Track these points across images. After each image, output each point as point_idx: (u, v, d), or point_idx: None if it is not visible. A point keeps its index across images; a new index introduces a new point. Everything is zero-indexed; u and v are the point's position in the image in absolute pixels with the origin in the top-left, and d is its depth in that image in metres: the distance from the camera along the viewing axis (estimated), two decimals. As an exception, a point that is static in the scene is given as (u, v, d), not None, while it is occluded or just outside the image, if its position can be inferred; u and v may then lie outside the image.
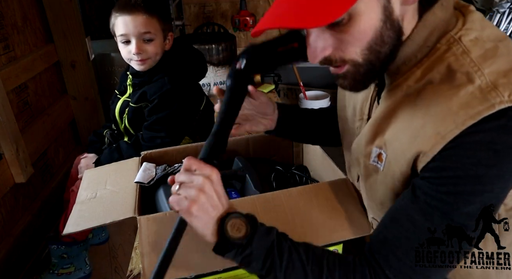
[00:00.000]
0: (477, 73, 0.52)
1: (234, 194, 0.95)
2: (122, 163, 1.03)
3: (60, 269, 1.41)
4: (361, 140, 0.69)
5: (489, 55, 0.53)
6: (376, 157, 0.64)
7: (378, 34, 0.53)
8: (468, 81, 0.52)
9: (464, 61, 0.54)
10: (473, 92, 0.51)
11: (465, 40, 0.55)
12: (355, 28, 0.52)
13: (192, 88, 1.31)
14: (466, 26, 0.56)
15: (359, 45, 0.54)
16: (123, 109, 1.27)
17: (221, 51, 1.92)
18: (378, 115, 0.65)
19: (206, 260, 0.72)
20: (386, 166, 0.62)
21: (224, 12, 3.01)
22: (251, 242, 0.59)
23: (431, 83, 0.56)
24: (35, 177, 1.62)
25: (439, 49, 0.56)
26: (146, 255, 0.72)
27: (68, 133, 2.01)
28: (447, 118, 0.52)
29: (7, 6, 1.50)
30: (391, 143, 0.61)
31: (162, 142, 1.18)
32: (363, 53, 0.55)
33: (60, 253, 1.41)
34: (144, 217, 0.77)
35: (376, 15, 0.52)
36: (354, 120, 0.77)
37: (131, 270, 0.87)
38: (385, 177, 0.63)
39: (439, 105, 0.53)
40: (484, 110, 0.49)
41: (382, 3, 0.51)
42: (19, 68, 1.52)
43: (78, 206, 0.86)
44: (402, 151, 0.58)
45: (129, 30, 1.12)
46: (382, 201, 0.66)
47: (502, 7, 2.01)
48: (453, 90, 0.53)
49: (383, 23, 0.52)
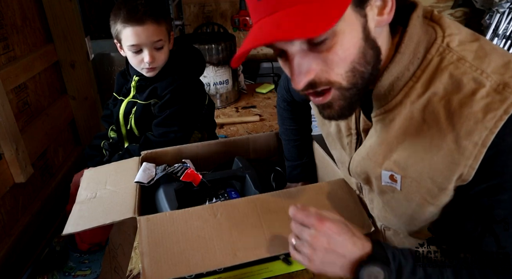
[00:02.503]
0: (482, 75, 0.53)
1: (234, 194, 0.95)
2: (121, 163, 1.03)
3: (77, 271, 1.42)
4: (365, 164, 0.68)
5: (481, 55, 0.55)
6: (388, 178, 0.64)
7: (361, 54, 0.54)
8: (479, 86, 0.53)
9: (464, 67, 0.54)
10: (488, 94, 0.52)
11: (454, 46, 0.56)
12: (339, 46, 0.52)
13: (198, 83, 1.32)
14: (447, 32, 0.57)
15: (343, 66, 0.54)
16: (129, 109, 1.26)
17: (221, 51, 1.92)
18: (381, 138, 0.64)
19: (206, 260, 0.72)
20: (408, 186, 0.62)
21: (223, 12, 3.01)
22: None
23: (436, 95, 0.56)
24: (35, 177, 1.62)
25: (432, 60, 0.57)
26: (146, 255, 0.72)
27: (68, 133, 2.01)
28: (478, 126, 0.52)
29: (7, 6, 1.50)
30: (411, 164, 0.60)
31: (176, 137, 1.19)
32: (347, 75, 0.54)
33: (82, 260, 1.43)
34: (144, 218, 0.77)
35: (358, 33, 0.52)
36: (340, 136, 0.77)
37: (130, 270, 0.87)
38: (412, 195, 0.62)
39: (462, 116, 0.53)
40: (509, 108, 0.51)
41: (362, 22, 0.52)
42: (18, 68, 1.52)
43: (78, 206, 0.86)
44: (434, 170, 0.57)
45: (141, 41, 1.11)
46: (411, 214, 0.66)
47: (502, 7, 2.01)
48: (468, 98, 0.53)
49: (365, 42, 0.53)
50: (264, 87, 2.31)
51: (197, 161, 1.05)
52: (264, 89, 2.28)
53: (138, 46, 1.13)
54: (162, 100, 1.20)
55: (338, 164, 0.88)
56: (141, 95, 1.24)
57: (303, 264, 0.61)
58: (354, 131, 0.72)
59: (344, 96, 0.57)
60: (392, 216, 0.71)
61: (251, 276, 0.80)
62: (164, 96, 1.20)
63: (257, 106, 2.08)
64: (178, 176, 0.90)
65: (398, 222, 0.71)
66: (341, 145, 0.78)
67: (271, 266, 0.80)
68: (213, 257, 0.73)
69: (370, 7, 0.53)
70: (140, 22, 1.09)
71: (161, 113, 1.21)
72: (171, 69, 1.22)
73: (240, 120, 1.89)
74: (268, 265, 0.79)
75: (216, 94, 2.03)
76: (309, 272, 0.82)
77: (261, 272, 0.80)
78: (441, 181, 0.58)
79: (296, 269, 0.82)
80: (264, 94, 2.25)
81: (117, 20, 1.12)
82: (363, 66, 0.55)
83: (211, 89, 2.00)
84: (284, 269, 0.82)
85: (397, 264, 0.59)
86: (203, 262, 0.72)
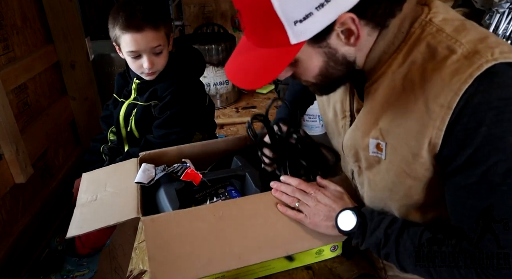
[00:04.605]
0: (456, 43, 0.56)
1: (235, 193, 0.95)
2: (120, 165, 1.03)
3: (76, 273, 1.43)
4: (355, 135, 0.71)
5: (460, 29, 0.58)
6: (375, 147, 0.66)
7: (324, 69, 0.62)
8: (451, 52, 0.56)
9: (440, 37, 0.58)
10: (458, 59, 0.55)
11: (436, 20, 0.59)
12: (301, 67, 0.63)
13: (199, 84, 1.32)
14: (433, 10, 0.61)
15: (310, 75, 0.64)
16: (129, 111, 1.26)
17: (221, 51, 1.92)
18: (368, 107, 0.67)
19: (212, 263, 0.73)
20: (389, 154, 0.64)
21: (223, 12, 3.02)
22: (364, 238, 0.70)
23: (414, 63, 0.59)
24: (35, 177, 1.62)
25: (414, 33, 0.60)
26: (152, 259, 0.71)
27: (68, 133, 2.01)
28: (444, 89, 0.55)
29: (7, 6, 1.50)
30: (391, 130, 0.63)
31: (178, 138, 1.18)
32: (316, 78, 0.64)
33: (80, 263, 1.43)
34: (148, 218, 0.76)
35: (317, 59, 0.60)
36: (337, 121, 0.79)
37: (131, 270, 0.87)
38: (391, 164, 0.65)
39: (432, 80, 0.56)
40: (474, 71, 0.53)
41: (322, 51, 0.59)
42: (18, 68, 1.52)
43: (79, 209, 0.85)
44: (408, 134, 0.60)
45: (140, 47, 1.11)
46: (390, 187, 0.68)
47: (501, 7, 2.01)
48: (439, 64, 0.56)
49: (326, 63, 0.61)
50: (264, 87, 2.31)
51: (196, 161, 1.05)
52: (264, 89, 2.28)
53: (137, 52, 1.12)
54: (163, 102, 1.20)
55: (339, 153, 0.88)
56: (142, 97, 1.24)
57: (302, 221, 0.76)
58: (348, 113, 0.75)
59: (317, 86, 0.67)
60: (376, 192, 0.72)
61: (253, 273, 0.80)
62: (164, 97, 1.20)
63: (257, 106, 2.08)
64: (179, 176, 0.90)
65: (380, 201, 0.73)
66: (337, 131, 0.81)
67: (273, 263, 0.81)
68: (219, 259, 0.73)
69: (334, 37, 0.57)
70: (138, 29, 1.08)
71: (162, 115, 1.20)
72: (171, 71, 1.22)
73: (240, 120, 1.89)
74: (270, 262, 0.80)
75: (216, 94, 2.03)
76: (309, 272, 0.83)
77: (262, 269, 0.81)
78: (413, 145, 0.60)
79: (296, 265, 0.83)
80: (264, 94, 2.25)
81: (115, 25, 1.11)
82: (333, 69, 0.62)
83: (211, 90, 2.00)
84: (285, 266, 0.82)
85: (370, 213, 0.71)
86: (209, 266, 0.73)
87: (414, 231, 0.66)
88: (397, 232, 0.67)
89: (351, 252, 0.87)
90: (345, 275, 0.82)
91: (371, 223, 0.69)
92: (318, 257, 0.84)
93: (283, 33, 0.55)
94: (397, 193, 0.67)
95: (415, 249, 0.64)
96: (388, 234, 0.67)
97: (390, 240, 0.67)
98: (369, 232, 0.69)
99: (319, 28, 0.55)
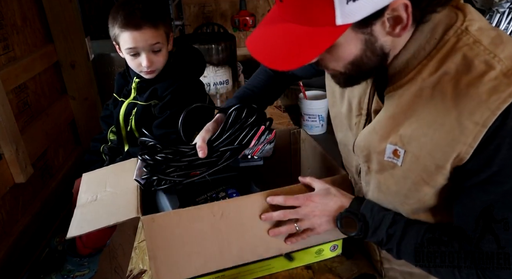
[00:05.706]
0: (494, 59, 0.54)
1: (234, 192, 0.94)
2: (120, 165, 1.03)
3: (76, 273, 1.43)
4: (371, 138, 0.69)
5: (497, 42, 0.55)
6: (392, 153, 0.64)
7: (359, 58, 0.58)
8: (489, 68, 0.53)
9: (478, 49, 0.55)
10: (497, 77, 0.52)
11: (472, 30, 0.56)
12: (335, 53, 0.57)
13: (199, 83, 1.32)
14: (468, 17, 0.58)
15: (340, 63, 0.59)
16: (129, 111, 1.26)
17: (221, 51, 1.92)
18: (389, 112, 0.65)
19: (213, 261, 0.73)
20: (408, 162, 0.63)
21: (224, 12, 3.02)
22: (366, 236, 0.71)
23: (447, 74, 0.56)
24: (35, 177, 1.62)
25: (448, 41, 0.57)
26: (153, 258, 0.72)
27: (68, 133, 2.01)
28: (481, 107, 0.53)
29: (7, 6, 1.50)
30: (414, 139, 0.61)
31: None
32: (346, 67, 0.60)
33: (81, 263, 1.43)
34: (148, 217, 0.76)
35: (356, 46, 0.56)
36: (350, 116, 0.77)
37: (131, 270, 0.87)
38: (410, 172, 0.63)
39: (467, 95, 0.54)
40: None
41: (364, 38, 0.55)
42: (18, 68, 1.52)
43: (80, 209, 0.85)
44: (434, 146, 0.58)
45: (138, 44, 1.12)
46: (405, 193, 0.66)
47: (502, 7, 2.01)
48: (476, 79, 0.54)
49: (363, 52, 0.57)
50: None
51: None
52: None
53: (135, 49, 1.13)
54: (163, 101, 1.20)
55: (340, 147, 0.87)
56: (142, 96, 1.24)
57: (313, 234, 0.76)
58: (365, 111, 0.72)
59: (343, 76, 0.62)
60: (386, 196, 0.71)
61: (253, 273, 0.81)
62: (164, 97, 1.20)
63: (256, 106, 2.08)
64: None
65: (389, 204, 0.72)
66: (348, 126, 0.79)
67: (272, 263, 0.81)
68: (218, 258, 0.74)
69: (380, 24, 0.53)
70: (137, 27, 1.09)
71: (162, 114, 1.20)
72: (171, 70, 1.22)
73: (240, 120, 1.89)
74: (270, 262, 0.80)
75: (216, 94, 2.03)
76: (309, 271, 0.83)
77: (262, 269, 0.81)
78: (439, 158, 0.58)
79: (296, 265, 0.83)
80: (264, 94, 2.25)
81: (115, 24, 1.12)
82: (368, 59, 0.58)
83: (211, 89, 2.00)
84: (285, 265, 0.83)
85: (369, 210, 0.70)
86: (208, 264, 0.73)
87: (415, 231, 0.66)
88: (399, 232, 0.67)
89: (351, 251, 0.87)
90: (345, 275, 0.82)
91: (372, 222, 0.69)
92: (318, 257, 0.84)
93: (330, 11, 0.49)
94: (411, 198, 0.66)
95: (415, 249, 0.64)
96: (389, 234, 0.68)
97: (391, 240, 0.67)
98: (371, 232, 0.69)
99: (370, 10, 0.50)
